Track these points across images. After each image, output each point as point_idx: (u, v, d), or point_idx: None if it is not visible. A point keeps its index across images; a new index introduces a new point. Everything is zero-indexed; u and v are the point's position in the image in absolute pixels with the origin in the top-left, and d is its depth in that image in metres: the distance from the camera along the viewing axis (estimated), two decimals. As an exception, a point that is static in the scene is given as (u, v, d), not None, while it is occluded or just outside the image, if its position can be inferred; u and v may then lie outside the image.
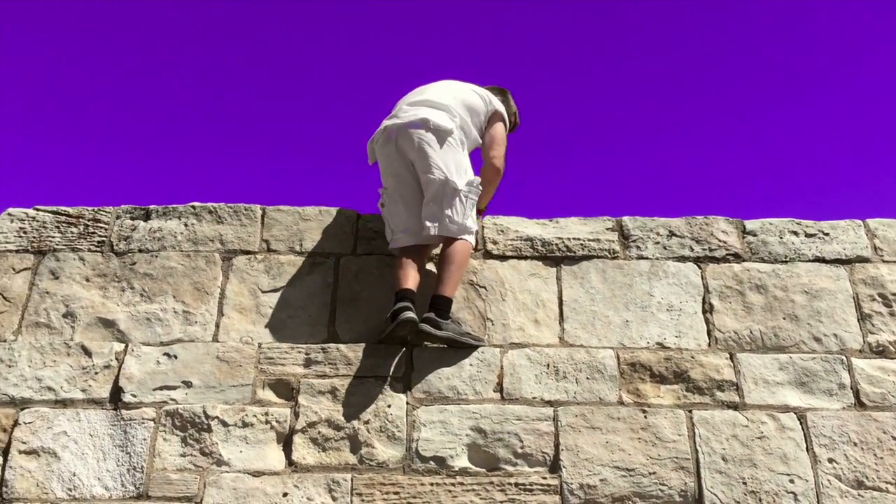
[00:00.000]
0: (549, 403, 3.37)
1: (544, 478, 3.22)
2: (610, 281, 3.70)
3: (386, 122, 3.71)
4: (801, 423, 3.33)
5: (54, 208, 3.82)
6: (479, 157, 3.89)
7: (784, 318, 3.59)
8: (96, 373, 3.41)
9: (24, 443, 3.24)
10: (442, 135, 3.59)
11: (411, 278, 3.46)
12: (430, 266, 3.69)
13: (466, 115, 3.76)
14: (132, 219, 3.82)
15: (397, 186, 3.67)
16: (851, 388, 3.41)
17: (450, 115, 3.68)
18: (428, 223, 3.56)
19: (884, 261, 3.73)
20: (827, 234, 3.81)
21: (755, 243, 3.79)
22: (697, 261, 3.75)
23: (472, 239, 3.62)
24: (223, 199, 3.86)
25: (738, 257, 3.76)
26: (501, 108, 3.93)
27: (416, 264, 3.54)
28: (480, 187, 3.66)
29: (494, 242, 3.79)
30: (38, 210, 3.82)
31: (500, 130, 3.87)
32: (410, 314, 3.30)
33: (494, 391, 3.39)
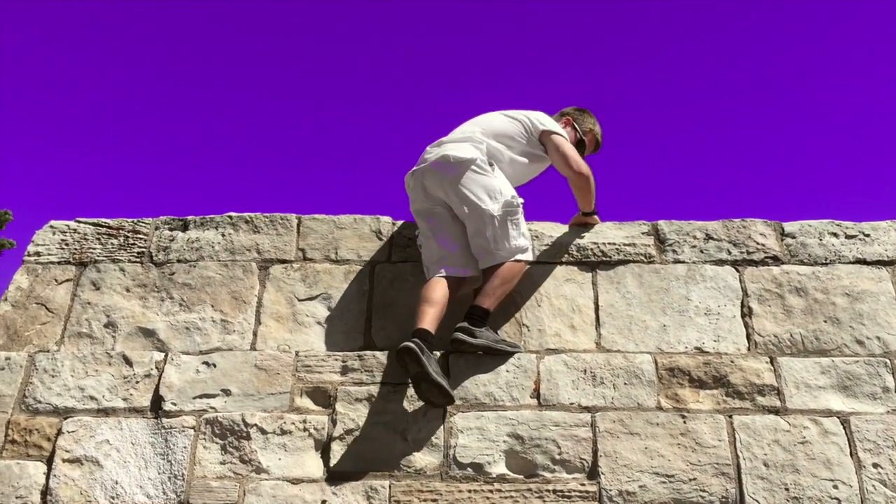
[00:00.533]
0: (587, 409, 3.35)
1: (582, 484, 3.20)
2: (646, 285, 3.67)
3: (414, 168, 3.69)
4: (844, 428, 3.27)
5: (95, 220, 3.89)
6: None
7: (825, 321, 3.53)
8: (137, 382, 3.46)
9: (67, 451, 3.30)
10: (465, 165, 3.53)
11: (430, 315, 3.34)
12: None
13: (495, 139, 3.70)
14: (170, 229, 3.88)
15: (428, 226, 3.64)
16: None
17: (472, 143, 3.64)
18: (483, 258, 3.53)
19: (927, 261, 3.66)
20: (868, 235, 3.74)
21: (794, 245, 3.74)
22: (735, 264, 3.71)
23: (527, 256, 3.56)
24: (259, 209, 3.91)
25: (776, 260, 3.71)
26: (551, 125, 3.82)
27: (444, 294, 3.43)
28: (521, 201, 3.58)
29: (529, 248, 3.77)
30: (79, 222, 3.89)
31: (558, 142, 3.74)
32: (409, 344, 3.17)
33: (531, 397, 3.38)
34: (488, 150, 3.65)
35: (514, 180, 3.74)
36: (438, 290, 3.44)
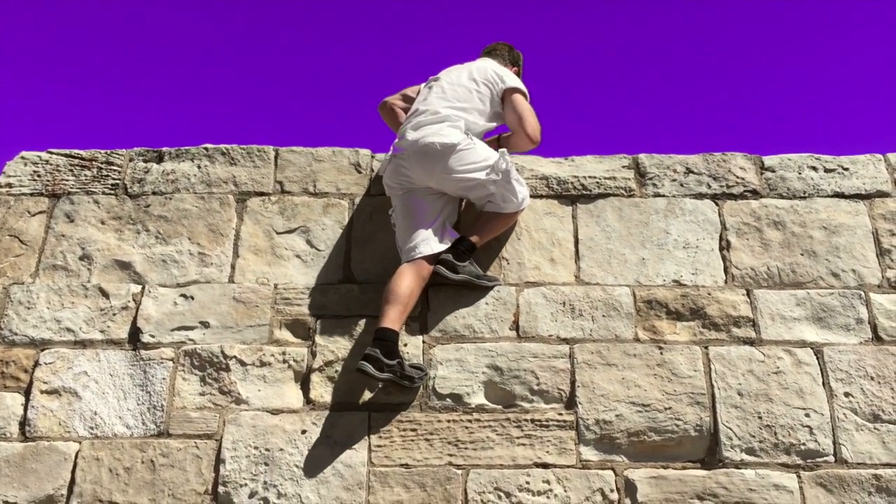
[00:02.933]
0: (566, 341, 3.37)
1: (560, 414, 3.24)
2: (626, 219, 3.67)
3: (391, 153, 3.56)
4: (817, 358, 3.33)
5: (67, 151, 3.81)
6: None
7: (802, 255, 3.56)
8: (114, 314, 3.44)
9: (45, 383, 3.28)
10: (452, 149, 3.43)
11: (392, 313, 3.23)
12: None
13: (466, 113, 3.60)
14: (145, 161, 3.81)
15: (403, 206, 3.54)
16: (869, 323, 3.39)
17: (450, 123, 3.53)
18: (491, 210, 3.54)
19: (904, 195, 3.69)
20: (846, 170, 3.75)
21: (773, 179, 3.75)
22: (715, 198, 3.71)
23: (527, 201, 3.59)
24: (236, 141, 3.85)
25: (756, 194, 3.71)
26: (513, 81, 3.73)
27: (411, 285, 3.32)
28: (507, 156, 3.50)
29: (509, 181, 3.75)
30: (51, 153, 3.81)
31: (520, 104, 3.67)
32: (365, 365, 3.08)
33: (510, 329, 3.40)
34: (466, 126, 3.56)
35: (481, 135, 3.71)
36: (405, 281, 3.31)
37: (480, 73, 3.73)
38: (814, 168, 3.77)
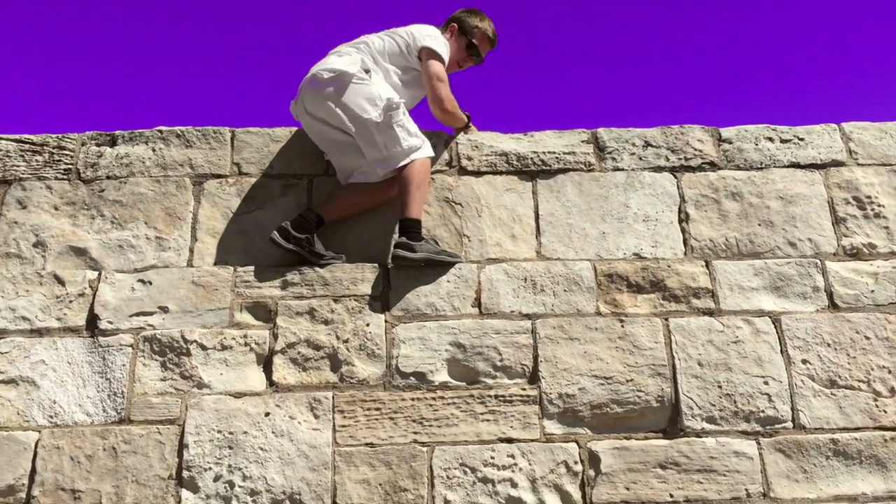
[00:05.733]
0: (528, 316, 3.38)
1: (524, 389, 3.26)
2: (586, 194, 3.68)
3: (296, 98, 3.66)
4: (775, 327, 3.37)
5: (17, 136, 3.72)
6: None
7: (759, 225, 3.60)
8: (70, 301, 3.38)
9: (1, 372, 3.23)
10: (342, 78, 3.49)
11: (330, 204, 3.52)
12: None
13: (372, 52, 3.64)
14: (98, 145, 3.74)
15: (329, 148, 3.65)
16: (825, 291, 3.45)
17: (344, 55, 3.59)
18: (376, 167, 3.50)
19: (858, 164, 3.73)
20: (802, 140, 3.79)
21: (731, 151, 3.77)
22: (673, 170, 3.73)
23: (423, 153, 3.54)
24: (191, 124, 3.79)
25: (713, 165, 3.74)
26: (428, 42, 3.71)
27: (351, 200, 3.55)
28: (400, 100, 3.53)
29: (469, 158, 3.75)
30: (0, 139, 3.72)
31: (431, 69, 3.66)
32: (274, 234, 3.39)
33: (473, 306, 3.40)
34: (367, 63, 3.59)
35: (408, 103, 3.70)
36: (349, 192, 3.55)
37: (396, 28, 3.78)
38: (770, 139, 3.80)
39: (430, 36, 3.74)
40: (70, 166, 3.68)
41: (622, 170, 3.73)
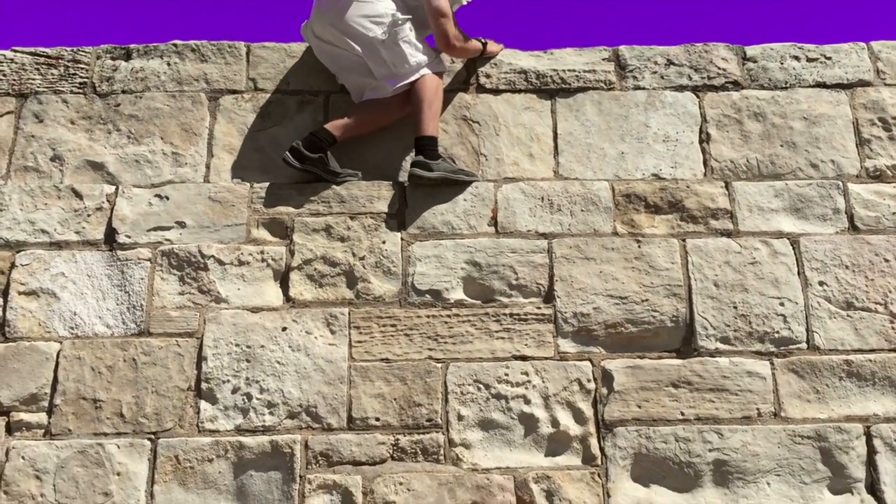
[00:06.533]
0: (544, 236, 3.37)
1: (539, 307, 3.27)
2: (606, 113, 3.62)
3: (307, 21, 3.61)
4: (793, 248, 3.35)
5: (32, 49, 3.69)
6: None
7: (781, 146, 3.54)
8: (89, 215, 3.40)
9: (22, 284, 3.27)
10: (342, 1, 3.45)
11: (342, 121, 3.45)
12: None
13: None
14: (113, 59, 3.70)
15: (338, 68, 3.60)
16: (846, 213, 3.41)
17: None
18: (386, 83, 3.45)
19: (886, 84, 3.64)
20: (829, 59, 3.69)
21: (755, 70, 3.68)
22: (695, 90, 3.65)
23: (435, 68, 3.51)
24: (206, 38, 3.74)
25: (737, 85, 3.66)
26: None
27: (364, 117, 3.50)
28: (403, 17, 3.46)
29: (487, 76, 3.68)
30: (15, 51, 3.69)
31: (433, 4, 3.50)
32: (286, 155, 3.37)
33: (489, 225, 3.39)
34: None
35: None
36: (361, 110, 3.51)
37: None
38: (796, 58, 3.70)
39: None
40: (85, 80, 3.66)
41: (643, 89, 3.66)
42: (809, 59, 3.69)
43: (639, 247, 3.35)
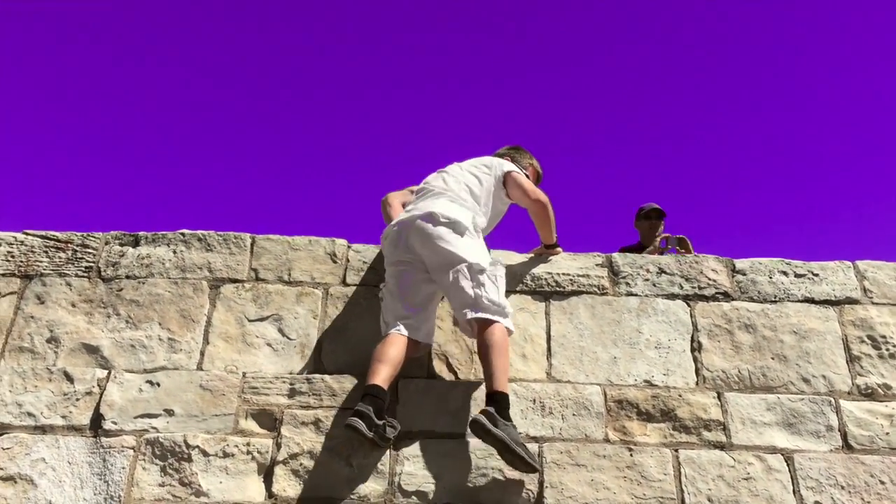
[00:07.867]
0: (535, 439, 3.33)
1: (528, 515, 3.17)
2: (599, 317, 3.68)
3: (399, 219, 3.60)
4: (788, 465, 3.29)
5: (43, 233, 3.81)
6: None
7: (772, 358, 3.57)
8: (77, 399, 3.38)
9: (1, 469, 3.20)
10: (455, 227, 3.46)
11: (385, 372, 3.23)
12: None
13: (473, 199, 3.68)
14: (121, 245, 3.81)
15: (397, 283, 3.51)
16: (839, 431, 3.38)
17: (461, 205, 3.60)
18: (466, 311, 3.33)
19: (873, 303, 3.72)
20: (816, 275, 3.80)
21: (745, 282, 3.78)
22: (687, 299, 3.73)
23: (509, 323, 3.36)
24: (212, 227, 3.87)
25: (727, 296, 3.74)
26: (510, 166, 3.84)
27: (400, 353, 3.31)
28: (503, 267, 3.50)
29: (483, 276, 3.77)
30: (26, 234, 3.81)
31: (518, 179, 3.75)
32: (357, 422, 3.08)
33: (479, 426, 3.35)
34: (473, 212, 3.62)
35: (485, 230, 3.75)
36: (395, 348, 3.31)
37: (478, 161, 3.87)
38: (784, 273, 3.81)
39: (508, 163, 3.87)
40: (91, 264, 3.75)
41: (636, 295, 3.74)
42: (797, 275, 3.79)
43: (631, 455, 3.30)
